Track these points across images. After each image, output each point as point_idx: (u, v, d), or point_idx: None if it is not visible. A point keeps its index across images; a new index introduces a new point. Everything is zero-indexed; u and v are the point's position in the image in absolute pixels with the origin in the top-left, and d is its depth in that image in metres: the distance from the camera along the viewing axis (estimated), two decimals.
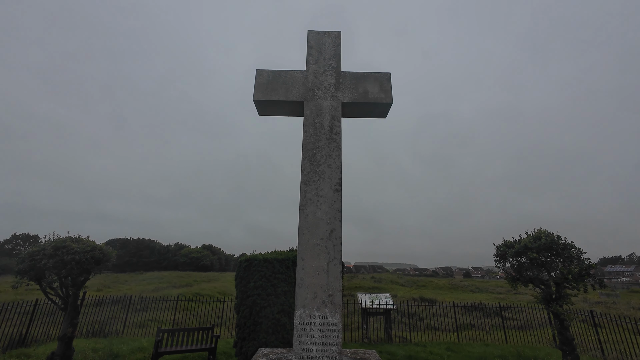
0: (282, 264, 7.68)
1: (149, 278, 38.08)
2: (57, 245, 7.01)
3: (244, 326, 7.24)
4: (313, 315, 2.75)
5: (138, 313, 13.97)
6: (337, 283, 2.87)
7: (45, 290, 7.20)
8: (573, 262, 7.13)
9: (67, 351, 6.97)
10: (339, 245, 2.97)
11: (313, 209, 3.09)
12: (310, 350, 2.68)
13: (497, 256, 8.39)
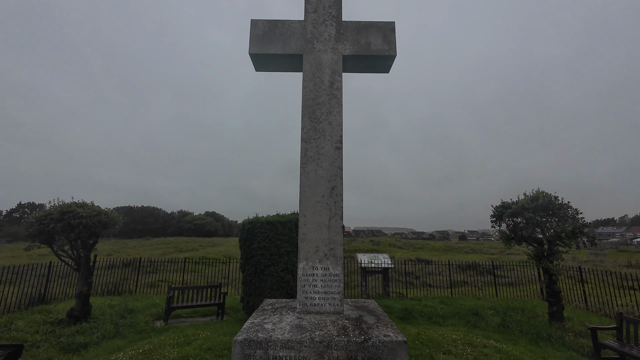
0: (284, 226, 7.90)
1: (156, 243, 39.53)
2: (63, 210, 7.16)
3: (250, 283, 7.65)
4: (315, 267, 2.88)
5: (148, 275, 14.70)
6: (338, 237, 2.96)
7: (57, 253, 7.49)
8: (568, 221, 7.32)
9: (85, 307, 7.45)
10: (340, 202, 3.02)
11: (314, 167, 3.09)
12: (313, 298, 2.84)
13: (494, 217, 8.60)
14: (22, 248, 8.20)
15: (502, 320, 7.76)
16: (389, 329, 2.56)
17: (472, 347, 5.38)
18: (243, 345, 2.33)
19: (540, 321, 7.50)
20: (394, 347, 2.33)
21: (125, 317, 7.82)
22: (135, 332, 6.89)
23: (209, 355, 4.79)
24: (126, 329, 7.05)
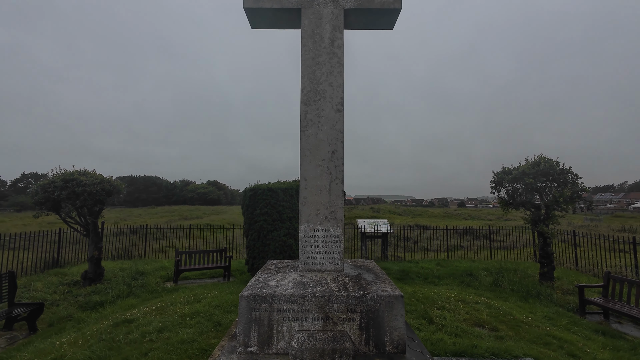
0: (285, 192, 8.00)
1: (161, 212, 40.46)
2: (66, 177, 7.22)
3: (254, 247, 7.94)
4: (317, 229, 2.97)
5: (155, 241, 15.24)
6: (338, 201, 3.01)
7: (65, 220, 7.70)
8: (567, 186, 7.37)
9: (97, 269, 7.83)
10: (340, 166, 3.02)
11: (314, 131, 3.04)
12: (314, 257, 2.97)
13: (494, 183, 8.65)
14: (31, 216, 8.42)
15: (495, 280, 8.15)
16: (387, 285, 2.70)
17: (464, 303, 5.72)
18: (249, 299, 2.48)
19: (531, 281, 7.88)
20: (391, 301, 2.48)
21: (136, 278, 8.24)
22: (147, 292, 7.32)
23: (218, 311, 5.13)
24: (138, 289, 7.47)
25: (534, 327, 4.77)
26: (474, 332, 4.41)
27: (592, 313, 6.06)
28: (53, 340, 4.51)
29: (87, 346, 3.91)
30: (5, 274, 5.51)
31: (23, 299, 6.48)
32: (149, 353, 3.71)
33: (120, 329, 4.45)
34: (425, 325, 4.62)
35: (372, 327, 2.45)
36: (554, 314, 5.76)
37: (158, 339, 4.08)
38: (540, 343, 4.21)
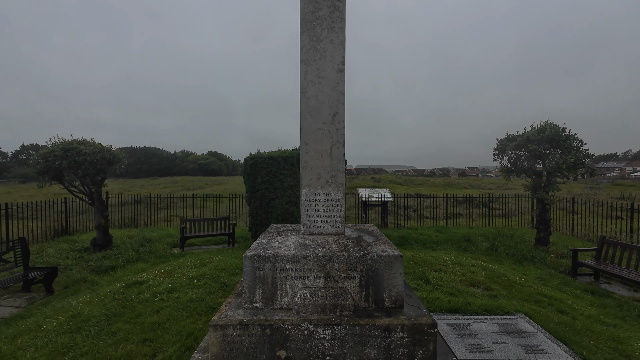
0: (286, 160, 7.97)
1: (164, 182, 40.85)
2: (65, 147, 7.18)
3: (256, 215, 8.10)
4: (318, 193, 2.98)
5: (160, 211, 15.54)
6: (340, 165, 2.99)
7: (69, 189, 7.79)
8: (571, 153, 7.28)
9: (106, 237, 8.08)
10: (342, 130, 2.96)
11: (315, 92, 2.94)
12: (316, 221, 3.02)
13: (497, 150, 8.55)
14: (36, 187, 8.50)
15: (492, 245, 8.38)
16: (387, 246, 2.77)
17: (461, 266, 5.94)
18: (253, 260, 2.56)
19: (527, 246, 8.10)
20: (391, 261, 2.56)
21: (144, 245, 8.53)
22: (155, 257, 7.61)
23: (224, 273, 5.36)
24: (147, 255, 7.76)
25: (527, 287, 4.98)
26: (468, 291, 4.62)
27: (583, 275, 6.31)
28: (70, 300, 4.77)
29: (102, 305, 4.14)
30: (17, 240, 5.70)
31: (37, 264, 6.77)
32: (161, 311, 3.94)
33: (132, 290, 4.68)
34: (422, 286, 4.83)
35: (371, 285, 2.55)
36: (546, 276, 6.00)
37: (168, 299, 4.31)
38: (532, 301, 4.42)
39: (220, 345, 2.32)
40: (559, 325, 3.59)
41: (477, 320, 3.59)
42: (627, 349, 3.17)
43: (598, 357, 2.95)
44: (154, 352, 3.05)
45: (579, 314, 4.08)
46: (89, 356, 2.96)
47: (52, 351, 3.09)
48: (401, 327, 2.32)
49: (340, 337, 2.34)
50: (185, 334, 3.36)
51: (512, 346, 3.04)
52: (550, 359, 2.83)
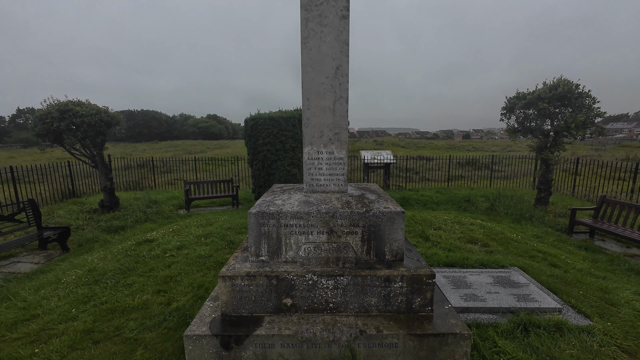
0: (288, 121, 7.80)
1: (165, 147, 40.64)
2: (61, 108, 7.01)
3: (259, 177, 8.15)
4: (320, 152, 2.95)
5: (164, 174, 15.66)
6: (343, 122, 2.91)
7: (70, 152, 7.77)
8: (582, 111, 7.04)
9: (112, 198, 8.25)
10: (345, 84, 2.82)
11: (317, 42, 2.75)
12: (318, 179, 3.02)
13: (505, 109, 8.28)
14: (38, 150, 8.48)
15: (491, 205, 8.51)
16: (389, 202, 2.80)
17: (460, 224, 6.09)
18: (257, 216, 2.61)
19: (526, 205, 8.22)
20: (392, 216, 2.60)
21: (151, 206, 8.74)
22: (162, 218, 7.84)
23: (230, 232, 5.55)
24: (154, 216, 7.99)
25: (522, 244, 5.15)
26: (466, 247, 4.79)
27: (579, 232, 6.48)
28: (85, 257, 5.02)
29: (116, 260, 4.36)
30: (27, 202, 5.84)
31: (49, 224, 7.01)
32: (172, 265, 4.15)
33: (143, 247, 4.90)
34: (421, 243, 5.00)
35: (373, 240, 2.63)
36: (543, 233, 6.17)
37: (178, 255, 4.52)
38: (527, 256, 4.60)
39: (229, 294, 2.47)
40: (550, 278, 3.77)
41: (473, 273, 3.77)
42: (613, 298, 3.36)
43: (585, 304, 3.13)
44: (168, 301, 3.27)
45: (571, 267, 4.26)
46: (108, 304, 3.18)
47: (74, 300, 3.32)
48: (401, 278, 2.44)
49: (342, 287, 2.47)
50: (196, 285, 3.57)
51: (505, 295, 3.22)
52: (540, 305, 3.01)
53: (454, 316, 2.47)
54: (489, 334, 2.61)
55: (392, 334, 2.26)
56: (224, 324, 2.40)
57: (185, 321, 2.87)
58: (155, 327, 2.81)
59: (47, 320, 2.96)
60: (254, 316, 2.47)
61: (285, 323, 2.38)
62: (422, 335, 2.26)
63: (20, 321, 2.98)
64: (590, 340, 2.59)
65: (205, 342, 2.28)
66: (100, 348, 2.56)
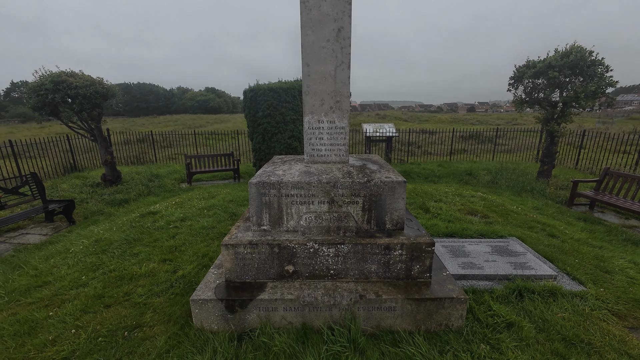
0: (287, 92, 7.58)
1: (164, 121, 40.06)
2: (54, 79, 6.81)
3: (259, 150, 8.08)
4: (321, 121, 2.87)
5: (164, 149, 15.56)
6: (344, 89, 2.80)
7: (68, 125, 7.66)
8: (593, 80, 6.77)
9: (114, 172, 8.27)
10: (347, 48, 2.68)
11: (317, 2, 2.57)
12: (319, 149, 2.98)
13: (513, 79, 7.98)
14: (36, 124, 8.38)
15: (493, 178, 8.49)
16: (390, 172, 2.77)
17: (461, 197, 6.11)
18: (258, 186, 2.61)
19: (528, 178, 8.19)
20: (394, 186, 2.58)
21: (152, 180, 8.79)
22: (165, 191, 7.91)
23: (232, 205, 5.60)
24: (157, 189, 8.06)
25: (522, 215, 5.19)
26: (466, 219, 4.84)
27: (579, 204, 6.50)
28: (91, 228, 5.12)
29: (122, 231, 4.45)
30: (29, 175, 5.86)
31: (53, 197, 7.09)
32: (176, 236, 4.24)
33: (147, 219, 4.98)
34: (422, 214, 5.05)
35: (374, 209, 2.64)
36: (543, 205, 6.20)
37: (182, 226, 4.60)
38: (525, 227, 4.65)
39: (233, 261, 2.53)
40: (548, 247, 3.83)
41: (472, 242, 3.83)
42: (608, 266, 3.43)
43: (580, 272, 3.20)
44: (174, 269, 3.37)
45: (568, 237, 4.32)
46: (116, 272, 3.29)
47: (83, 268, 3.43)
48: (400, 246, 2.48)
49: (343, 255, 2.52)
50: (200, 255, 3.67)
51: (502, 264, 3.30)
52: (535, 273, 3.09)
53: (452, 282, 2.54)
54: (485, 298, 2.70)
55: (391, 298, 2.34)
56: (228, 289, 2.48)
57: (191, 287, 2.98)
58: (162, 293, 2.93)
59: (59, 286, 3.08)
60: (257, 282, 2.55)
61: (287, 288, 2.46)
62: (420, 300, 2.34)
63: (33, 287, 3.10)
64: (583, 304, 2.68)
65: (211, 306, 2.38)
66: (111, 311, 2.68)
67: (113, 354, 2.21)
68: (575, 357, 2.12)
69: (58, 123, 7.79)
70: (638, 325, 2.50)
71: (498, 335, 2.30)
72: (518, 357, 2.11)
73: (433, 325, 2.39)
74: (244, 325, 2.40)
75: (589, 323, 2.45)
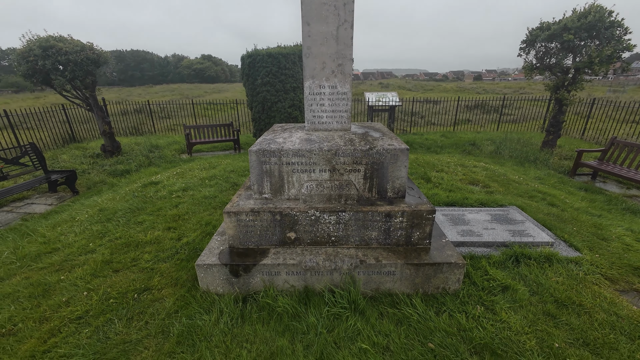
0: (287, 58, 7.25)
1: (160, 91, 38.93)
2: (42, 44, 6.49)
3: (259, 120, 7.92)
4: (322, 86, 2.76)
5: (162, 120, 15.28)
6: (347, 51, 2.65)
7: (62, 94, 7.45)
8: (610, 44, 6.41)
9: (114, 143, 8.20)
10: (350, 4, 2.49)
11: None
12: (320, 117, 2.90)
13: (525, 43, 7.57)
14: (32, 96, 8.16)
15: (497, 148, 8.38)
16: (393, 140, 2.72)
17: (463, 167, 6.07)
18: (258, 154, 2.57)
19: (532, 148, 8.08)
20: (396, 154, 2.54)
21: (153, 151, 8.73)
22: (166, 162, 7.88)
23: (233, 175, 5.60)
24: (157, 160, 8.03)
25: (523, 185, 5.19)
26: (467, 188, 4.84)
27: (582, 174, 6.47)
28: (94, 198, 5.17)
29: (125, 201, 4.50)
30: (27, 146, 5.80)
31: (55, 168, 7.10)
32: (179, 205, 4.28)
33: (149, 189, 5.01)
34: (423, 184, 5.05)
35: (375, 177, 2.62)
36: (545, 175, 6.17)
37: (184, 196, 4.63)
38: (526, 196, 4.66)
39: (235, 228, 2.56)
40: (547, 216, 3.87)
41: (472, 211, 3.86)
42: (605, 233, 3.48)
43: (577, 239, 3.26)
44: (178, 236, 3.44)
45: (568, 206, 4.34)
46: (122, 239, 3.37)
47: (90, 236, 3.51)
48: (401, 213, 2.49)
49: (344, 222, 2.54)
50: (203, 223, 3.73)
51: (500, 231, 3.35)
52: (533, 240, 3.15)
53: (450, 248, 2.59)
54: (482, 264, 2.78)
55: (390, 263, 2.40)
56: (232, 255, 2.55)
57: (195, 254, 3.06)
58: (168, 259, 3.01)
59: (68, 252, 3.17)
60: (260, 248, 2.61)
61: (290, 254, 2.52)
62: (419, 265, 2.40)
63: (43, 254, 3.20)
64: (577, 269, 2.75)
65: (215, 270, 2.45)
66: (120, 276, 2.78)
67: (125, 314, 2.32)
68: (565, 317, 2.22)
69: (52, 93, 7.58)
70: (629, 288, 2.58)
71: (493, 298, 2.38)
72: (511, 317, 2.21)
73: (431, 289, 2.47)
74: (248, 288, 2.50)
75: (581, 286, 2.53)
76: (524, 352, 1.95)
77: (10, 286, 2.68)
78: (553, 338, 2.05)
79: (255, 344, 2.04)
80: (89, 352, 2.01)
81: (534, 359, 1.90)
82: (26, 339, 2.13)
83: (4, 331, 2.20)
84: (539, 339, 2.05)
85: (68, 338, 2.12)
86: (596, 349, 1.98)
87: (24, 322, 2.27)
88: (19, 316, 2.33)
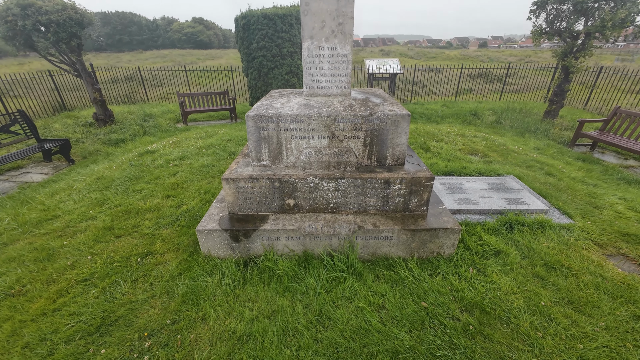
0: (284, 20, 6.84)
1: (151, 57, 37.10)
2: (20, 3, 6.04)
3: (255, 87, 7.65)
4: (322, 47, 2.62)
5: (155, 88, 14.72)
6: (348, 8, 2.48)
7: (47, 58, 7.08)
8: (625, 5, 6.06)
9: (106, 111, 7.96)
10: None
11: None
12: (320, 81, 2.79)
13: (536, 4, 7.15)
14: (14, 62, 7.73)
15: (498, 118, 8.25)
16: (394, 105, 2.64)
17: (463, 137, 6.01)
18: (255, 119, 2.50)
19: (534, 119, 7.96)
20: (397, 120, 2.49)
21: (147, 120, 8.52)
22: (161, 131, 7.73)
23: (230, 144, 5.52)
24: (152, 129, 7.86)
25: (522, 155, 5.18)
26: (466, 158, 4.83)
27: (581, 145, 6.45)
28: (91, 167, 5.13)
29: (122, 169, 4.46)
30: (16, 113, 5.62)
31: (47, 137, 6.96)
32: (177, 174, 4.27)
33: (146, 158, 4.95)
34: (422, 154, 5.02)
35: (375, 144, 2.59)
36: (544, 146, 6.15)
37: (181, 164, 4.60)
38: (524, 166, 4.67)
39: (234, 195, 2.57)
40: (543, 185, 3.91)
41: (470, 180, 3.88)
42: (598, 202, 3.54)
43: (571, 207, 3.32)
44: (178, 204, 3.47)
45: (565, 176, 4.37)
46: (122, 207, 3.39)
47: (89, 204, 3.53)
48: (400, 180, 2.50)
49: (343, 189, 2.55)
50: (202, 191, 3.74)
51: (497, 199, 3.39)
52: (528, 208, 3.20)
53: (447, 215, 2.64)
54: (477, 230, 2.84)
55: (388, 228, 2.45)
56: (232, 221, 2.58)
57: (196, 221, 3.10)
58: (169, 225, 3.06)
59: (69, 219, 3.20)
60: (259, 214, 2.64)
61: (289, 220, 2.56)
62: (415, 230, 2.45)
63: (44, 220, 3.23)
64: (568, 235, 2.83)
65: (216, 236, 2.50)
66: (122, 241, 2.83)
67: (129, 276, 2.40)
68: (553, 279, 2.32)
69: (37, 58, 7.20)
70: (617, 253, 2.68)
71: (485, 261, 2.47)
72: (501, 279, 2.30)
73: (426, 253, 2.55)
74: (249, 253, 2.56)
75: (571, 251, 2.62)
76: (512, 309, 2.06)
77: (14, 250, 2.74)
78: (540, 297, 2.15)
79: (257, 303, 2.14)
80: (98, 310, 2.10)
81: (520, 315, 2.02)
82: (36, 299, 2.21)
83: (13, 291, 2.27)
84: (527, 298, 2.16)
85: (76, 298, 2.21)
86: (580, 306, 2.10)
87: (32, 284, 2.35)
88: (26, 278, 2.41)
